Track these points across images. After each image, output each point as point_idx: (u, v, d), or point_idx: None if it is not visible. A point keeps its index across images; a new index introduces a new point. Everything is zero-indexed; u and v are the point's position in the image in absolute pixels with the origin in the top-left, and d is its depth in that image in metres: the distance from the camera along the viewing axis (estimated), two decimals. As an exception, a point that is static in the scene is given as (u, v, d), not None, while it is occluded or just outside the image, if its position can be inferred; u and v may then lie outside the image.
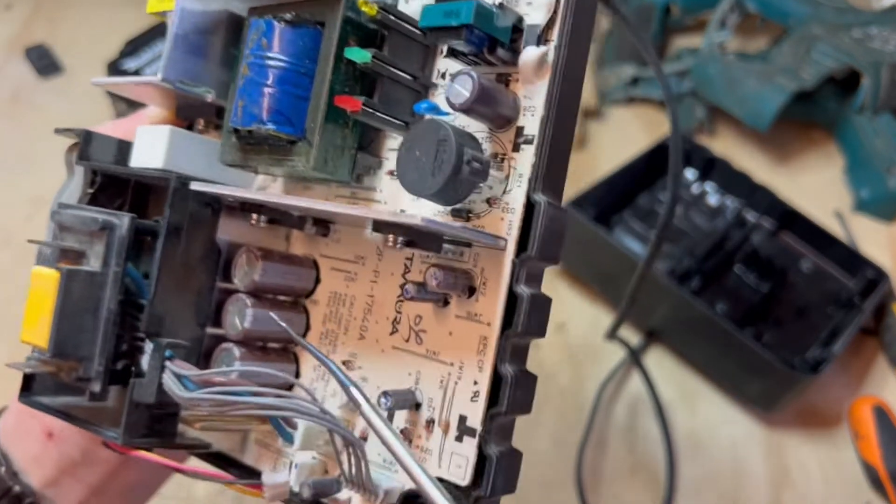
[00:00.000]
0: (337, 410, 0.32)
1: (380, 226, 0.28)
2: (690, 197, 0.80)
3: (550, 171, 0.28)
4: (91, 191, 0.33)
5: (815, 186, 0.83)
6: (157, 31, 0.88)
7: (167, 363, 0.29)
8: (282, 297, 0.34)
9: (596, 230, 0.71)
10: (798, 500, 0.64)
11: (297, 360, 0.35)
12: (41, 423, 0.37)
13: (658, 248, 0.56)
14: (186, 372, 0.28)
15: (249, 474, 0.34)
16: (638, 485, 0.64)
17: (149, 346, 0.30)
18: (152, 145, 0.33)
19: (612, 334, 0.69)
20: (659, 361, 0.72)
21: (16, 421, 0.38)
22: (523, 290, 0.27)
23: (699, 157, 0.80)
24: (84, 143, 0.33)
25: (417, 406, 0.30)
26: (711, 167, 0.80)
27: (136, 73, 0.82)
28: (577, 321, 0.74)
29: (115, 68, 0.83)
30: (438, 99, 0.31)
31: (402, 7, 0.32)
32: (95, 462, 0.37)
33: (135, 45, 0.86)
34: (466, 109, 0.27)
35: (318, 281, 0.35)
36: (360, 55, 0.28)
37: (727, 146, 0.87)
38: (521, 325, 0.27)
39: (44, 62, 0.95)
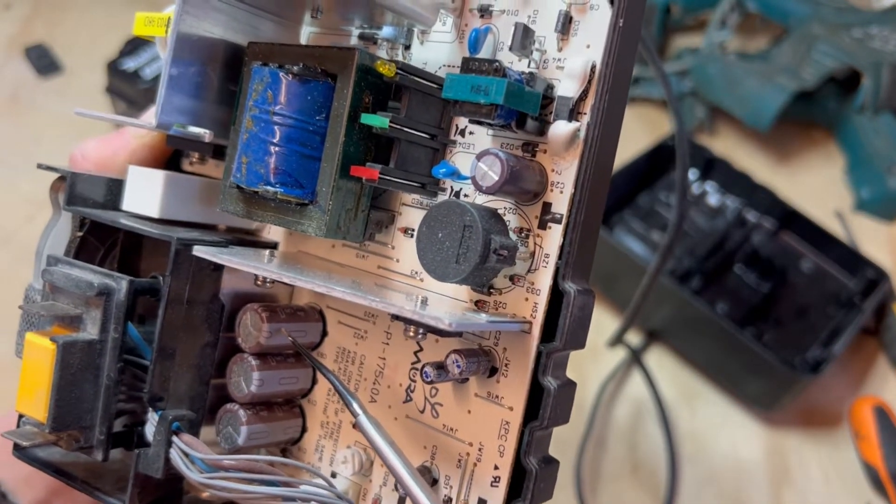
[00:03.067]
0: (349, 478, 0.31)
1: (401, 318, 0.26)
2: (691, 197, 0.80)
3: (580, 254, 0.26)
4: (80, 234, 0.31)
5: (816, 186, 0.83)
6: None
7: (174, 438, 0.28)
8: (287, 353, 0.33)
9: (596, 230, 0.71)
10: (798, 500, 0.64)
11: (303, 415, 0.33)
12: None
13: (667, 258, 0.56)
14: (198, 455, 0.27)
15: None
16: (638, 485, 0.64)
17: (152, 416, 0.28)
18: (146, 190, 0.31)
19: (617, 342, 0.69)
20: (659, 361, 0.72)
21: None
22: (550, 382, 0.26)
23: (699, 157, 0.80)
24: (71, 186, 0.31)
25: (434, 482, 0.29)
26: (712, 167, 0.80)
27: (136, 72, 0.82)
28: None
29: (114, 68, 0.83)
30: (458, 158, 0.29)
31: (416, 48, 0.30)
32: None
33: (134, 45, 0.85)
34: (493, 192, 0.26)
35: (324, 333, 0.33)
36: (378, 122, 0.26)
37: (727, 146, 0.87)
38: (548, 418, 0.26)
39: (43, 62, 0.95)
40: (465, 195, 0.28)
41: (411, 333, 0.27)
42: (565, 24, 0.26)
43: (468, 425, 0.29)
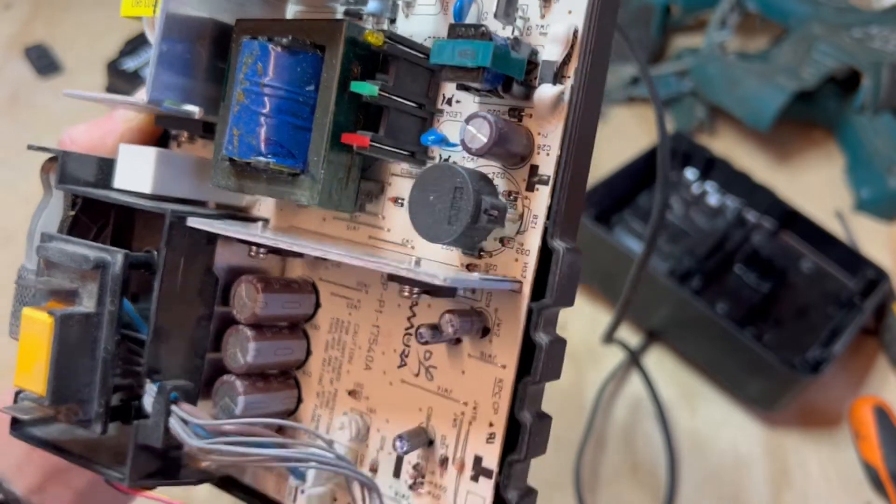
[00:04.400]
0: (347, 444, 0.32)
1: (396, 278, 0.27)
2: (691, 197, 0.80)
3: (567, 213, 0.27)
4: (72, 213, 0.31)
5: (816, 186, 0.83)
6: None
7: (173, 407, 0.28)
8: (282, 324, 0.33)
9: (596, 230, 0.71)
10: (798, 500, 0.64)
11: (298, 386, 0.34)
12: None
13: (649, 255, 0.56)
14: (198, 421, 0.27)
15: (252, 495, 0.34)
16: (638, 485, 0.64)
17: (150, 387, 0.29)
18: (138, 167, 0.32)
19: (609, 338, 0.69)
20: (659, 361, 0.72)
21: None
22: (542, 337, 0.27)
23: (699, 157, 0.80)
24: (62, 166, 0.32)
25: (430, 443, 0.30)
26: (712, 167, 0.80)
27: (136, 73, 0.82)
28: (578, 321, 0.74)
29: (114, 68, 0.83)
30: (445, 126, 0.30)
31: (401, 22, 0.31)
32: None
33: (134, 45, 0.86)
34: (482, 154, 0.26)
35: (317, 305, 0.34)
36: (367, 89, 0.27)
37: (727, 146, 0.87)
38: (540, 372, 0.27)
39: (43, 62, 0.95)
40: (454, 163, 0.29)
41: (406, 293, 0.27)
42: None
43: (462, 386, 0.29)
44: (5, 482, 0.37)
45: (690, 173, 0.81)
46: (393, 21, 0.30)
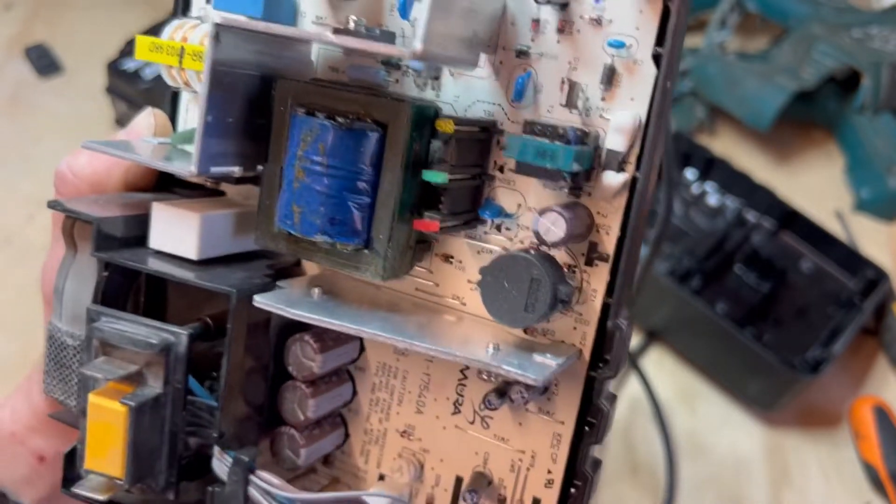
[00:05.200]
0: (402, 481, 0.33)
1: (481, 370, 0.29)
2: (690, 197, 0.80)
3: (624, 289, 0.28)
4: (105, 274, 0.30)
5: (815, 186, 0.83)
6: (156, 31, 0.87)
7: (252, 477, 0.29)
8: (332, 375, 0.33)
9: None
10: (798, 500, 0.64)
11: (345, 423, 0.34)
12: (30, 448, 0.37)
13: (654, 257, 0.56)
14: (284, 494, 0.28)
15: None
16: (638, 485, 0.64)
17: (221, 453, 0.29)
18: (179, 231, 0.30)
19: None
20: (659, 361, 0.72)
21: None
22: (604, 404, 0.29)
23: (699, 157, 0.80)
24: (98, 232, 0.30)
25: (489, 483, 0.31)
26: (711, 167, 0.80)
27: (136, 73, 0.82)
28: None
29: (114, 68, 0.83)
30: (498, 193, 0.30)
31: (447, 81, 0.30)
32: None
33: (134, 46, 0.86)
34: (556, 247, 0.27)
35: (362, 349, 0.34)
36: (439, 178, 0.27)
37: (727, 146, 0.87)
38: (601, 433, 0.29)
39: (44, 62, 0.95)
40: (507, 228, 0.30)
41: (485, 377, 0.30)
42: (610, 78, 0.27)
43: (519, 436, 0.31)
44: (12, 495, 0.37)
45: (690, 173, 0.81)
46: (437, 78, 0.30)
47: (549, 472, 0.30)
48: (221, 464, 0.29)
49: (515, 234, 0.29)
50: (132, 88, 0.82)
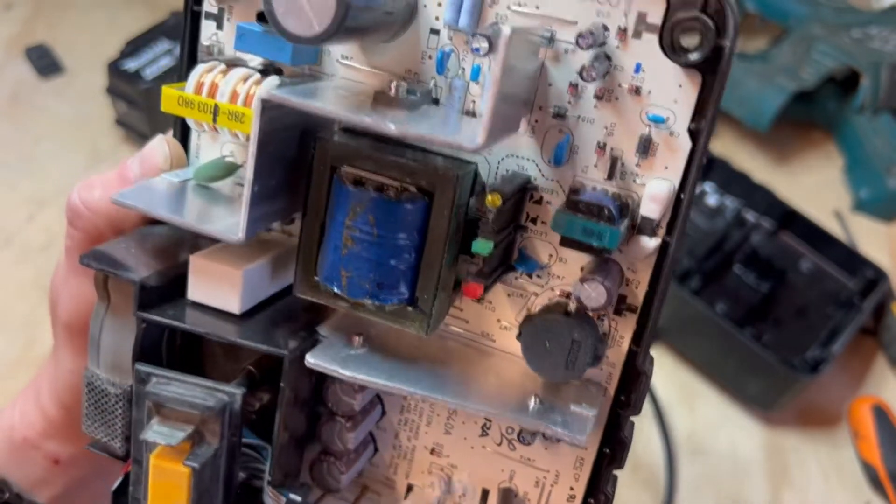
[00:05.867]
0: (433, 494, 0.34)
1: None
2: (690, 197, 0.80)
3: (651, 338, 0.30)
4: (144, 326, 0.30)
5: (815, 186, 0.83)
6: (157, 31, 0.88)
7: None
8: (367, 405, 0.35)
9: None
10: (797, 499, 0.64)
11: (374, 440, 0.35)
12: (44, 452, 0.37)
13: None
14: None
15: None
16: (638, 485, 0.64)
17: (273, 492, 0.31)
18: (219, 287, 0.30)
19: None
20: (659, 361, 0.72)
21: (7, 450, 0.37)
22: (626, 436, 0.30)
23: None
24: (141, 294, 0.29)
25: (515, 495, 0.33)
26: (711, 167, 0.80)
27: (137, 73, 0.82)
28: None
29: (115, 68, 0.83)
30: (530, 244, 0.30)
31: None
32: (107, 472, 0.37)
33: (135, 46, 0.86)
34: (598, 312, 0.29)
35: None
36: (485, 249, 0.27)
37: (727, 146, 0.87)
38: (623, 459, 0.31)
39: (44, 62, 0.95)
40: (538, 276, 0.30)
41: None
42: (647, 147, 0.27)
43: (545, 458, 0.32)
44: (28, 495, 0.37)
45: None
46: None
47: (572, 488, 0.32)
48: (271, 501, 0.31)
49: (546, 281, 0.30)
50: (132, 89, 0.83)
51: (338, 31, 0.23)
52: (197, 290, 0.31)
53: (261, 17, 0.29)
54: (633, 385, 0.30)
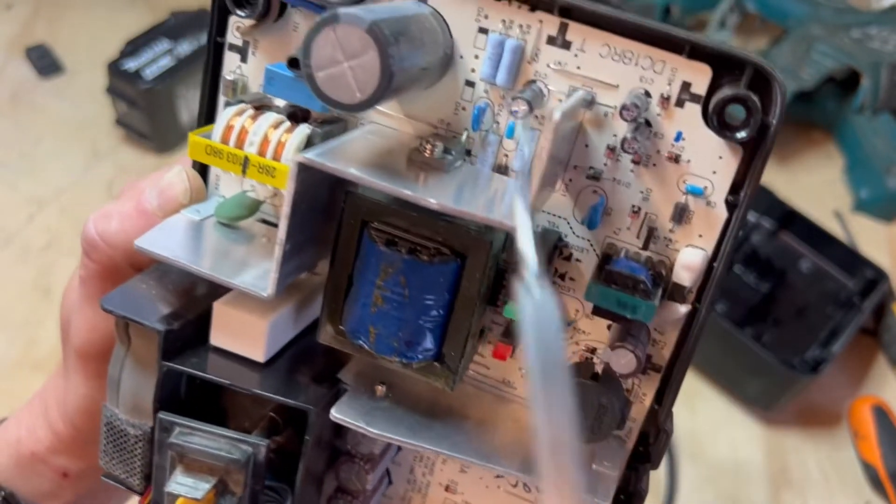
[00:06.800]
0: None
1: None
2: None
3: (673, 397, 0.30)
4: (165, 369, 0.30)
5: (815, 186, 0.83)
6: (157, 31, 0.88)
7: None
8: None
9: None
10: (797, 499, 0.64)
11: (389, 473, 0.36)
12: (53, 466, 0.36)
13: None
14: None
15: None
16: (637, 484, 0.65)
17: None
18: (243, 335, 0.30)
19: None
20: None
21: (14, 464, 0.37)
22: (643, 489, 0.31)
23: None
24: (165, 344, 0.29)
25: None
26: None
27: (137, 73, 0.82)
28: (577, 321, 0.74)
29: (115, 68, 0.83)
30: (561, 300, 0.30)
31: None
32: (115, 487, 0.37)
33: (135, 46, 0.86)
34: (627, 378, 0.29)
35: None
36: (514, 313, 0.28)
37: (727, 146, 0.87)
38: None
39: (44, 62, 0.95)
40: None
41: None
42: (682, 215, 0.27)
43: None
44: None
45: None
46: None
47: None
48: None
49: (572, 335, 0.30)
50: (132, 88, 0.83)
51: (381, 99, 0.23)
52: (220, 336, 0.31)
53: (293, 63, 0.28)
54: (653, 441, 0.30)
